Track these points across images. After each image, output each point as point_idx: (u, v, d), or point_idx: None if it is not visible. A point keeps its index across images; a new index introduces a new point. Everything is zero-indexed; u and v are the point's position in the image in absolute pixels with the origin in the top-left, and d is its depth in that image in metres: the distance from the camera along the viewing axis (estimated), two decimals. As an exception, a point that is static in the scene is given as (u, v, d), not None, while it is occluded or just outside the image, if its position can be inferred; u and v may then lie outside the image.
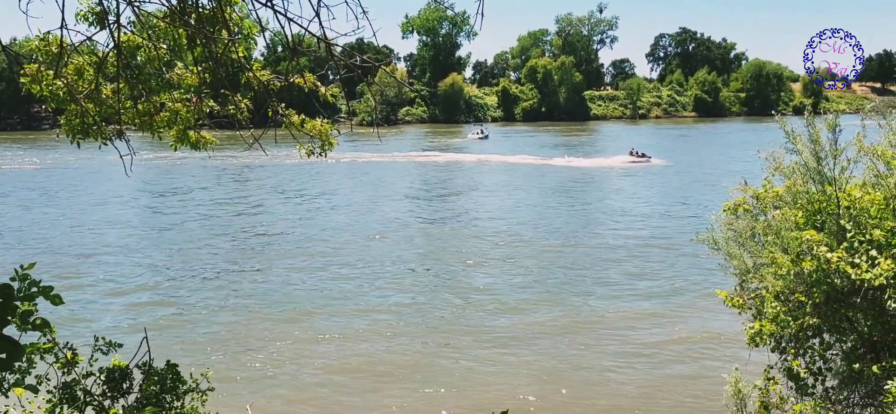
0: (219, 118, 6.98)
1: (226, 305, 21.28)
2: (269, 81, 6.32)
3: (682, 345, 17.82)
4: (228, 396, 14.01)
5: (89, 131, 6.51)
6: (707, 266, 21.06)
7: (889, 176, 7.84)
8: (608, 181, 50.38)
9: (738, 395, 8.79)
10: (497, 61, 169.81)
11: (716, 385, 11.29)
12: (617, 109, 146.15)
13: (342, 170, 55.57)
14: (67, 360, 6.41)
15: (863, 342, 8.08)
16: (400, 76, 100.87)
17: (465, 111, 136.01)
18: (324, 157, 6.89)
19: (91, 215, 36.69)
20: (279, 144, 6.99)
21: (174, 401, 6.72)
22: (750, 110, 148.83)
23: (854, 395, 8.28)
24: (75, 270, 25.28)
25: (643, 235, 30.96)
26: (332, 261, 26.60)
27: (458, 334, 18.78)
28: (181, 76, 6.71)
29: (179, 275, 24.72)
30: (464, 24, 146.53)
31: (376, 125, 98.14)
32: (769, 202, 8.67)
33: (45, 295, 3.87)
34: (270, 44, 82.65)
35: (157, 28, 6.17)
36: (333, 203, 40.84)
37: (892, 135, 8.17)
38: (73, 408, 6.26)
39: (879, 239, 7.38)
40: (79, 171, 54.57)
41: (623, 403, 14.87)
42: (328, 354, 17.51)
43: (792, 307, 8.07)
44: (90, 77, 6.25)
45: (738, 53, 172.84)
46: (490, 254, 27.73)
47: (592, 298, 21.76)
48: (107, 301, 21.67)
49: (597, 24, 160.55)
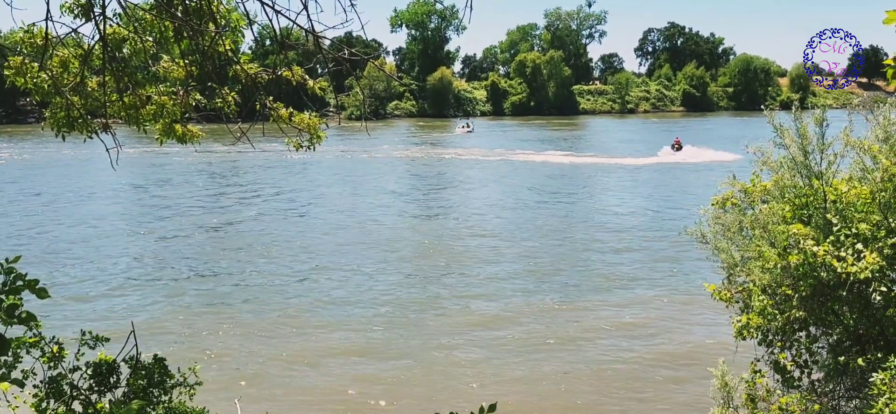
0: (206, 111, 6.94)
1: (213, 300, 21.21)
2: (257, 74, 6.29)
3: (668, 338, 17.91)
4: (217, 390, 13.96)
5: (75, 124, 6.45)
6: (697, 259, 21.19)
7: (875, 170, 7.89)
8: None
9: (724, 387, 8.84)
10: (486, 55, 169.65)
11: (703, 378, 11.34)
12: (605, 104, 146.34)
13: (331, 164, 55.42)
14: (54, 354, 6.37)
15: (848, 335, 8.14)
16: (389, 70, 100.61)
17: (454, 105, 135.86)
18: (313, 151, 6.86)
19: (77, 209, 36.44)
20: (267, 138, 6.96)
21: (162, 395, 6.69)
22: (737, 105, 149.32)
23: (840, 387, 8.35)
24: (61, 263, 25.11)
25: (632, 229, 31.08)
26: (320, 255, 26.55)
27: (446, 330, 18.79)
28: (168, 69, 6.66)
29: (166, 269, 24.61)
30: (453, 18, 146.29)
31: (365, 119, 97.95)
32: (757, 196, 8.71)
33: (31, 288, 3.84)
34: (258, 37, 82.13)
35: (144, 20, 6.12)
36: (323, 197, 40.76)
37: (878, 129, 8.23)
38: (60, 402, 6.23)
39: (865, 233, 7.44)
40: (64, 164, 54.16)
41: (610, 395, 14.93)
42: (316, 347, 17.49)
43: (779, 301, 8.12)
44: (75, 70, 6.20)
45: (726, 48, 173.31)
46: (485, 247, 27.77)
47: (579, 290, 21.82)
48: (93, 295, 21.54)
49: (586, 18, 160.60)
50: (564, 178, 48.98)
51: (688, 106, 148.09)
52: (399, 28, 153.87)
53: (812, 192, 8.18)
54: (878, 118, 8.32)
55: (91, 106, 6.41)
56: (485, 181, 47.75)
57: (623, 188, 44.35)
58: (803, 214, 8.18)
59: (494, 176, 50.44)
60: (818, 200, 8.09)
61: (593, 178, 48.95)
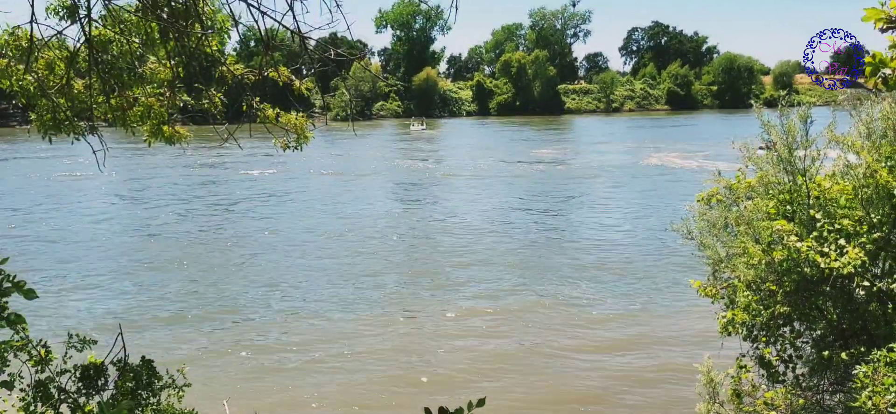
0: (192, 112, 6.93)
1: (201, 302, 21.11)
2: (243, 75, 6.29)
3: (654, 334, 18.00)
4: (205, 391, 13.91)
5: (61, 127, 6.43)
6: (683, 255, 21.31)
7: (858, 166, 7.99)
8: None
9: (710, 383, 8.91)
10: (471, 55, 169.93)
11: (688, 374, 11.42)
12: (590, 103, 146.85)
13: (318, 164, 55.27)
14: (41, 357, 6.33)
15: (832, 330, 8.23)
16: (374, 70, 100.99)
17: (439, 106, 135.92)
18: (300, 150, 6.87)
19: (63, 211, 36.15)
20: (254, 138, 6.96)
21: (150, 397, 6.66)
22: (721, 103, 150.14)
23: (824, 381, 8.44)
24: (47, 265, 24.91)
25: (624, 228, 31.25)
26: (309, 255, 26.50)
27: (435, 333, 18.79)
28: (154, 70, 6.65)
29: (153, 271, 24.47)
30: (438, 18, 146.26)
31: (352, 119, 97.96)
32: (742, 193, 8.80)
33: (19, 289, 3.83)
34: (243, 38, 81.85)
35: (129, 22, 6.11)
36: (310, 198, 40.65)
37: (861, 125, 8.33)
38: (48, 405, 6.19)
39: (848, 228, 7.53)
40: (50, 166, 53.72)
41: (596, 392, 15.00)
42: (305, 347, 17.45)
43: (763, 296, 8.20)
44: (61, 72, 6.18)
45: (710, 47, 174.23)
46: (475, 244, 27.82)
47: (568, 287, 21.89)
48: (80, 298, 21.38)
49: (570, 18, 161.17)
50: (549, 179, 49.15)
51: (672, 104, 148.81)
52: (384, 28, 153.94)
53: (796, 188, 8.26)
54: (860, 115, 8.43)
55: (77, 107, 6.39)
56: (470, 185, 47.84)
57: (608, 191, 44.56)
58: (787, 210, 8.26)
59: (480, 178, 50.55)
60: (802, 197, 8.17)
61: (577, 180, 49.17)
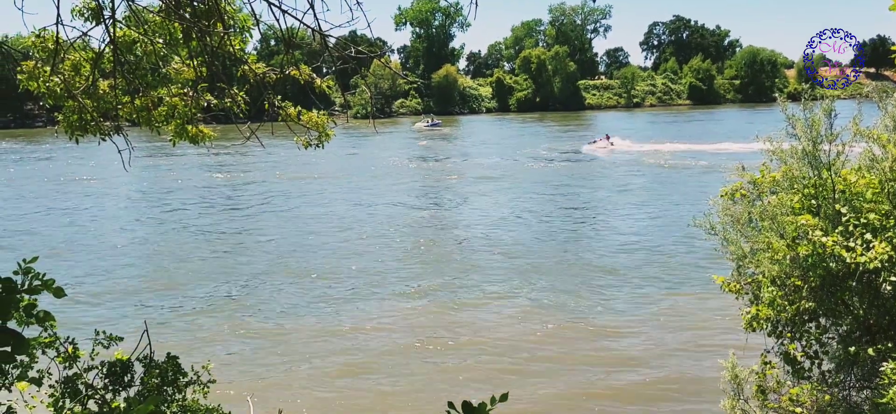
0: (216, 112, 6.99)
1: (226, 298, 21.30)
2: (265, 74, 6.33)
3: (679, 330, 17.89)
4: (230, 388, 14.05)
5: (87, 127, 6.51)
6: (707, 250, 21.17)
7: (884, 159, 7.88)
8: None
9: (734, 379, 8.84)
10: (491, 52, 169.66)
11: (713, 370, 11.34)
12: (611, 99, 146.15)
13: (340, 163, 55.48)
14: (69, 354, 6.43)
15: (858, 325, 8.13)
16: (394, 68, 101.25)
17: (459, 103, 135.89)
18: (321, 148, 6.90)
19: (89, 210, 36.63)
20: (277, 136, 7.01)
21: (176, 393, 6.74)
22: (744, 97, 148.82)
23: (850, 377, 8.34)
24: (74, 264, 25.25)
25: (645, 223, 31.09)
26: (331, 255, 26.62)
27: (462, 338, 18.69)
28: (178, 70, 6.71)
29: (179, 268, 24.73)
30: (457, 15, 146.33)
31: (373, 118, 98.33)
32: (766, 187, 8.71)
33: (48, 288, 3.89)
34: (264, 36, 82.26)
35: (152, 23, 6.17)
36: (333, 198, 40.82)
37: (887, 118, 8.22)
38: (76, 402, 6.29)
39: (874, 222, 7.42)
40: (76, 167, 54.41)
41: (621, 387, 14.94)
42: (328, 346, 17.55)
43: (788, 292, 8.11)
44: (87, 73, 6.26)
45: (732, 40, 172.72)
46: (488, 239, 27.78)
47: (590, 284, 21.82)
48: (106, 295, 21.66)
49: (590, 13, 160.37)
50: (570, 176, 49.01)
51: (694, 99, 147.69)
52: (403, 26, 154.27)
53: (821, 182, 8.17)
54: (886, 107, 8.31)
55: (103, 108, 6.47)
56: (491, 184, 47.82)
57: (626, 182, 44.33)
58: (812, 204, 8.17)
59: (501, 176, 50.50)
60: (827, 191, 8.08)
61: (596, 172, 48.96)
